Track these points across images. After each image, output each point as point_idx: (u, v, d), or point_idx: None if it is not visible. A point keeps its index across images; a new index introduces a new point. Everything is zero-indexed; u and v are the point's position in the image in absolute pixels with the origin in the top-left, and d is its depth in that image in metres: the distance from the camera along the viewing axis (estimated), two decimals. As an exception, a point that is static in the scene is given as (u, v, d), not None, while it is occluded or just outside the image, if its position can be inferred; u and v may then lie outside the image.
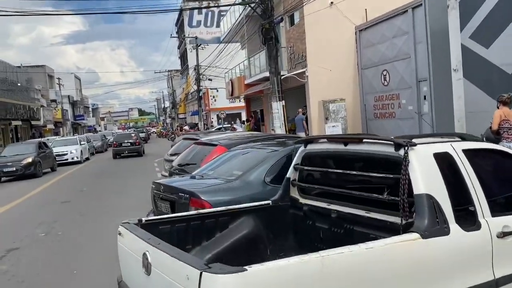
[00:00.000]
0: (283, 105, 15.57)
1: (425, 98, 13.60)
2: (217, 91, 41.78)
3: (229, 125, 31.65)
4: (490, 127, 8.16)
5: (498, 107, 8.24)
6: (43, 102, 44.05)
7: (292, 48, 18.20)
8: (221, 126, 32.81)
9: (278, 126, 15.62)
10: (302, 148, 3.66)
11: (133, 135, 30.02)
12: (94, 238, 7.15)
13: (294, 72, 17.25)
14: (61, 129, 54.68)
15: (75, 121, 68.38)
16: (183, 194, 4.33)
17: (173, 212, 4.55)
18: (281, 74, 16.19)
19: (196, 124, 42.17)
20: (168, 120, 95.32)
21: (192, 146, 7.72)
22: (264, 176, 4.48)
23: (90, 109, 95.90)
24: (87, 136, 33.98)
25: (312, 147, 3.55)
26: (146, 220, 3.11)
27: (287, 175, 3.74)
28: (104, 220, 8.39)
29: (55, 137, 36.41)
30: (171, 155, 9.72)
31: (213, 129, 32.83)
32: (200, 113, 39.46)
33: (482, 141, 7.15)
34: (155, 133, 74.67)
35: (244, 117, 40.74)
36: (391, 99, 15.36)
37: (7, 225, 8.99)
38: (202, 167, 5.62)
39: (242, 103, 42.58)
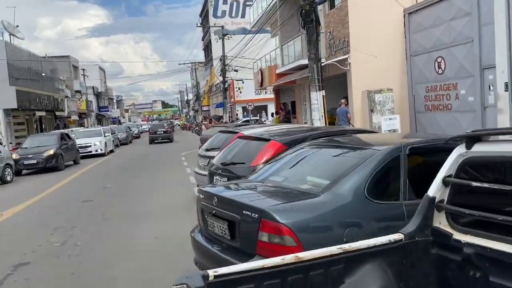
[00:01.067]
0: (323, 95, 14.08)
1: (490, 88, 11.91)
2: (243, 82, 40.41)
3: (257, 118, 30.26)
4: None
5: None
6: (68, 93, 43.52)
7: (332, 33, 16.63)
8: (248, 118, 31.44)
9: (317, 119, 14.14)
10: (460, 149, 2.23)
11: (165, 125, 36.83)
12: (120, 252, 5.89)
13: (335, 59, 15.70)
14: (85, 120, 54.34)
15: (100, 112, 68.16)
16: (249, 213, 2.97)
17: (232, 236, 3.20)
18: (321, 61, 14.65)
19: (221, 117, 40.98)
20: (191, 113, 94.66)
21: (235, 141, 6.36)
22: (364, 187, 3.07)
23: (115, 101, 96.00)
24: (112, 128, 33.16)
25: (483, 148, 2.12)
26: (215, 276, 1.76)
27: (430, 193, 2.32)
28: (131, 227, 7.14)
29: (79, 128, 35.76)
30: (207, 150, 8.40)
31: (239, 122, 31.56)
32: (225, 105, 38.20)
33: None
34: (179, 125, 73.94)
35: (270, 109, 39.34)
36: (446, 89, 13.68)
37: (21, 230, 7.83)
38: (261, 170, 4.25)
39: (268, 95, 41.18)
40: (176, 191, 10.29)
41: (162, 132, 33.05)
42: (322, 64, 15.08)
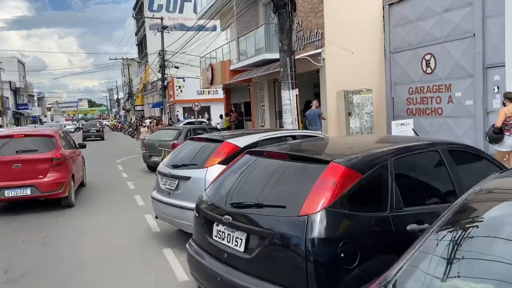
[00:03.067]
0: (296, 95, 11.84)
1: (495, 90, 10.32)
2: (184, 80, 37.42)
3: (204, 120, 27.45)
4: (493, 125, 8.11)
5: (504, 104, 8.11)
6: (-23, 87, 37.72)
7: (300, 24, 14.45)
8: (193, 119, 28.56)
9: (289, 122, 11.84)
10: None
11: (97, 124, 40.42)
12: None
13: (306, 54, 13.51)
14: (0, 118, 48.02)
15: (18, 110, 61.29)
16: None
17: None
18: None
19: (159, 118, 37.52)
20: (122, 112, 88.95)
21: (241, 161, 3.77)
22: None
23: (35, 98, 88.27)
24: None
25: None
26: None
27: None
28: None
29: (-10, 128, 30.63)
30: (175, 166, 5.70)
31: (181, 124, 28.65)
32: (164, 105, 34.88)
33: (486, 139, 8.26)
34: (108, 126, 68.46)
35: (214, 111, 36.66)
36: (437, 91, 12.01)
37: None
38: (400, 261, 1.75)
39: (212, 95, 38.49)
40: (120, 221, 7.41)
41: (95, 131, 36.53)
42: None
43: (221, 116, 24.22)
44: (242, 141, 5.45)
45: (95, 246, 6.02)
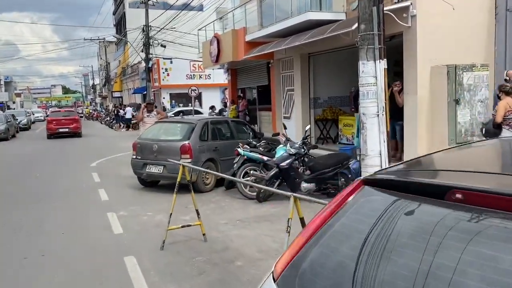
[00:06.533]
0: (385, 68, 7.27)
1: None
2: (171, 62, 32.29)
3: (211, 110, 22.39)
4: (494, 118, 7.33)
5: (499, 97, 7.30)
6: None
7: (367, -31, 9.71)
8: (186, 108, 23.66)
9: (373, 113, 7.27)
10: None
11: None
12: None
13: (387, 8, 8.83)
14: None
15: (-21, 95, 54.80)
16: None
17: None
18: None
19: (139, 105, 32.28)
20: (98, 100, 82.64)
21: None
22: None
23: (2, 83, 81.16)
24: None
25: None
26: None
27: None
28: None
29: None
30: None
31: (171, 113, 23.85)
32: (148, 90, 29.68)
33: (481, 132, 7.59)
34: (81, 114, 62.00)
35: (206, 99, 31.85)
36: None
37: None
38: None
39: (204, 80, 33.48)
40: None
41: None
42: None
43: (225, 105, 19.36)
44: None
45: None
